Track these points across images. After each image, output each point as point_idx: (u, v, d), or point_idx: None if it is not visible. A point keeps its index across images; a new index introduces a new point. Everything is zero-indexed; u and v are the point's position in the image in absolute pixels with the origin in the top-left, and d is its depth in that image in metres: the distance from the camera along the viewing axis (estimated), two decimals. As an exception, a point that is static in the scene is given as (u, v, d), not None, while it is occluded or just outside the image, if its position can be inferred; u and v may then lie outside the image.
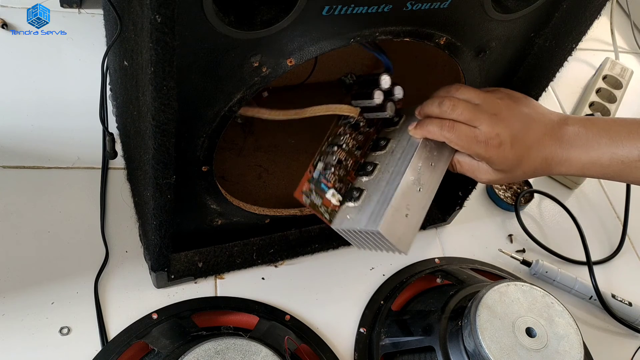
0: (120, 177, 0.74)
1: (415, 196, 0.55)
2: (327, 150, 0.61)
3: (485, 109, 0.53)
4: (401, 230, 0.54)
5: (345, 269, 0.74)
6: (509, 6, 0.52)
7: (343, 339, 0.67)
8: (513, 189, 0.88)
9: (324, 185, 0.59)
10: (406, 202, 0.54)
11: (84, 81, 0.81)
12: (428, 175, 0.56)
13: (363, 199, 0.57)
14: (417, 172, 0.55)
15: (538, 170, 0.54)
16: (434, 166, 0.57)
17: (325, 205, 0.59)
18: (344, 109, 0.58)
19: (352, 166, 0.61)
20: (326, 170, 0.60)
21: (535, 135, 0.53)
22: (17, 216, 0.67)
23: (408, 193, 0.55)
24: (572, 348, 0.57)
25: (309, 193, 0.60)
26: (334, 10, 0.45)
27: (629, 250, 0.89)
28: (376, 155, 0.60)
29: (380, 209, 0.54)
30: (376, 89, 0.57)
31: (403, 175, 0.55)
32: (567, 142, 0.53)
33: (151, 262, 0.61)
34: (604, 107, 1.04)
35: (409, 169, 0.55)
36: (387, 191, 0.55)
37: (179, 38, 0.39)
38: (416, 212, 0.55)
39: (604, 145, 0.51)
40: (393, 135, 0.60)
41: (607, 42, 1.21)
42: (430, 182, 0.56)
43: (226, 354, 0.51)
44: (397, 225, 0.54)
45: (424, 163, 0.56)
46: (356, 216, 0.57)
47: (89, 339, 0.60)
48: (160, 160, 0.47)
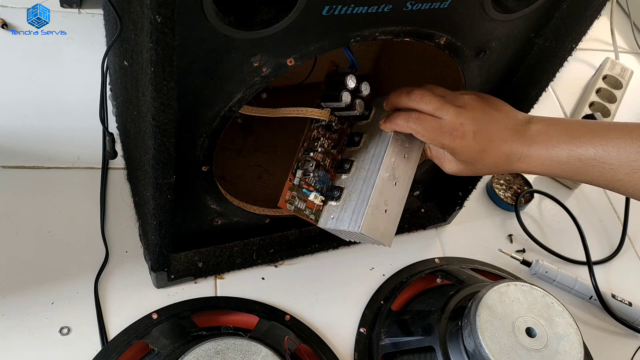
0: (120, 177, 0.74)
1: (392, 190, 0.58)
2: (304, 156, 0.63)
3: (452, 101, 0.54)
4: (382, 226, 0.57)
5: (345, 269, 0.74)
6: (509, 6, 0.52)
7: (343, 339, 0.67)
8: (513, 189, 0.88)
9: (305, 190, 0.62)
10: (384, 199, 0.57)
11: (84, 81, 0.81)
12: (402, 168, 0.58)
13: (344, 197, 0.60)
14: (392, 168, 0.58)
15: (499, 165, 0.55)
16: (407, 158, 0.59)
17: (310, 207, 0.62)
18: (314, 112, 0.60)
19: (331, 164, 0.63)
20: (305, 176, 0.62)
21: (498, 131, 0.54)
22: (17, 216, 0.67)
23: (385, 190, 0.57)
24: (572, 348, 0.57)
25: (292, 200, 0.62)
26: (334, 10, 0.45)
27: (629, 250, 0.89)
28: (352, 151, 0.63)
29: (360, 209, 0.56)
30: (343, 90, 0.58)
31: (378, 173, 0.57)
32: (529, 138, 0.53)
33: (151, 262, 0.61)
34: (604, 107, 1.04)
35: (382, 166, 0.57)
36: (365, 190, 0.57)
37: (179, 38, 0.39)
38: (395, 205, 0.58)
39: (563, 143, 0.52)
40: (366, 129, 0.62)
41: (607, 42, 1.21)
42: (405, 173, 0.59)
43: (226, 354, 0.51)
44: (377, 223, 0.57)
45: (397, 157, 0.58)
46: (339, 215, 0.59)
47: (89, 339, 0.60)
48: (160, 160, 0.47)
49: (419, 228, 0.80)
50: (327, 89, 0.61)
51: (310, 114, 0.59)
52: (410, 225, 0.79)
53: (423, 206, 0.80)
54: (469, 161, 0.55)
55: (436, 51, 0.55)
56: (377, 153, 0.59)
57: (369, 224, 0.56)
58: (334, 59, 0.61)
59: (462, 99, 0.55)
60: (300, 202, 0.62)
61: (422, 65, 0.72)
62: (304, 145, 0.63)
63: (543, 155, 0.53)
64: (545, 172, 0.54)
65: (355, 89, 0.59)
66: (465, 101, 0.54)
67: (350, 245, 0.75)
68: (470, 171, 0.56)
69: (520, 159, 0.54)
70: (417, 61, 0.74)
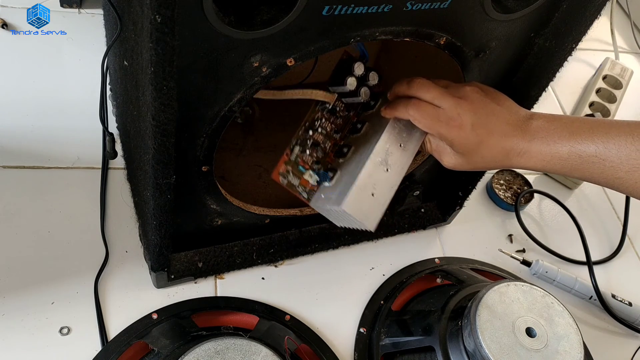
0: (120, 177, 0.74)
1: (383, 176, 0.58)
2: (304, 134, 0.64)
3: (453, 92, 0.55)
4: (367, 208, 0.57)
5: (345, 269, 0.74)
6: (509, 6, 0.52)
7: (343, 339, 0.67)
8: (513, 189, 0.88)
9: (301, 167, 0.62)
10: (372, 182, 0.57)
11: (84, 81, 0.81)
12: (397, 156, 0.59)
13: (336, 179, 0.61)
14: (385, 153, 0.58)
15: (497, 159, 0.55)
16: (403, 147, 0.59)
17: (303, 185, 0.62)
18: (319, 94, 0.60)
19: (331, 148, 0.64)
20: (303, 153, 0.62)
21: (498, 124, 0.54)
22: (17, 216, 0.67)
23: (374, 173, 0.57)
24: (572, 348, 0.57)
25: (285, 174, 0.62)
26: (334, 10, 0.45)
27: (629, 250, 0.89)
28: (353, 138, 0.63)
29: (347, 188, 0.57)
30: (349, 76, 0.59)
31: (369, 156, 0.57)
32: (530, 134, 0.53)
33: (151, 262, 0.61)
34: (604, 107, 1.04)
35: (375, 150, 0.57)
36: (354, 171, 0.58)
37: (179, 38, 0.39)
38: (384, 191, 0.58)
39: (564, 139, 0.52)
40: (369, 119, 0.63)
41: (607, 42, 1.21)
42: (398, 162, 0.59)
43: (226, 354, 0.51)
44: (362, 203, 0.57)
45: (392, 144, 0.58)
46: (328, 195, 0.60)
47: (89, 339, 0.61)
48: (160, 160, 0.47)
49: (419, 228, 0.80)
50: (335, 73, 0.61)
51: (315, 96, 0.60)
52: (410, 225, 0.79)
53: (423, 206, 0.80)
54: (465, 152, 0.55)
55: (436, 51, 0.55)
56: (373, 139, 0.59)
57: (353, 202, 0.56)
58: (347, 49, 0.62)
59: (464, 90, 0.55)
60: (294, 178, 0.62)
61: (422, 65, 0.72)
62: (306, 125, 0.64)
63: (544, 150, 0.53)
64: (544, 167, 0.54)
65: (362, 76, 0.59)
66: (467, 93, 0.54)
67: (350, 245, 0.75)
68: (468, 164, 0.56)
69: (520, 153, 0.54)
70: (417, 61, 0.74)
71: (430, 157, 0.68)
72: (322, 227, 0.73)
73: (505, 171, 0.90)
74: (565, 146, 0.52)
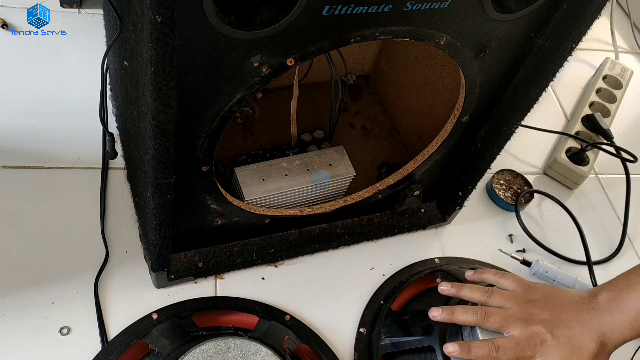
0: (120, 177, 0.74)
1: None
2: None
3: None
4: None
5: (345, 269, 0.74)
6: (509, 6, 0.52)
7: (343, 339, 0.67)
8: (513, 189, 0.88)
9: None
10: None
11: (84, 81, 0.81)
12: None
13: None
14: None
15: (598, 352, 0.55)
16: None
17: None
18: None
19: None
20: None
21: (571, 315, 0.55)
22: (17, 216, 0.67)
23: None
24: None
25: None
26: (334, 10, 0.45)
27: (629, 250, 0.88)
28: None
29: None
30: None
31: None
32: (606, 309, 0.55)
33: (151, 262, 0.61)
34: (604, 107, 1.04)
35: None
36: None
37: (179, 38, 0.39)
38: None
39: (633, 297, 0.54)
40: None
41: (607, 42, 1.21)
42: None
43: (226, 354, 0.51)
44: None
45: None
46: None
47: (89, 339, 0.61)
48: (160, 160, 0.47)
49: (419, 228, 0.80)
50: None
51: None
52: (410, 225, 0.79)
53: (423, 206, 0.80)
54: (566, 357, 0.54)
55: (436, 51, 0.55)
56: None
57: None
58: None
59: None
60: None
61: (422, 65, 0.72)
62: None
63: (628, 318, 0.54)
64: (637, 332, 0.55)
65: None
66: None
67: (350, 245, 0.75)
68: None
69: (611, 330, 0.55)
70: (417, 61, 0.74)
71: (430, 157, 0.68)
72: (322, 227, 0.73)
73: (505, 171, 0.90)
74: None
